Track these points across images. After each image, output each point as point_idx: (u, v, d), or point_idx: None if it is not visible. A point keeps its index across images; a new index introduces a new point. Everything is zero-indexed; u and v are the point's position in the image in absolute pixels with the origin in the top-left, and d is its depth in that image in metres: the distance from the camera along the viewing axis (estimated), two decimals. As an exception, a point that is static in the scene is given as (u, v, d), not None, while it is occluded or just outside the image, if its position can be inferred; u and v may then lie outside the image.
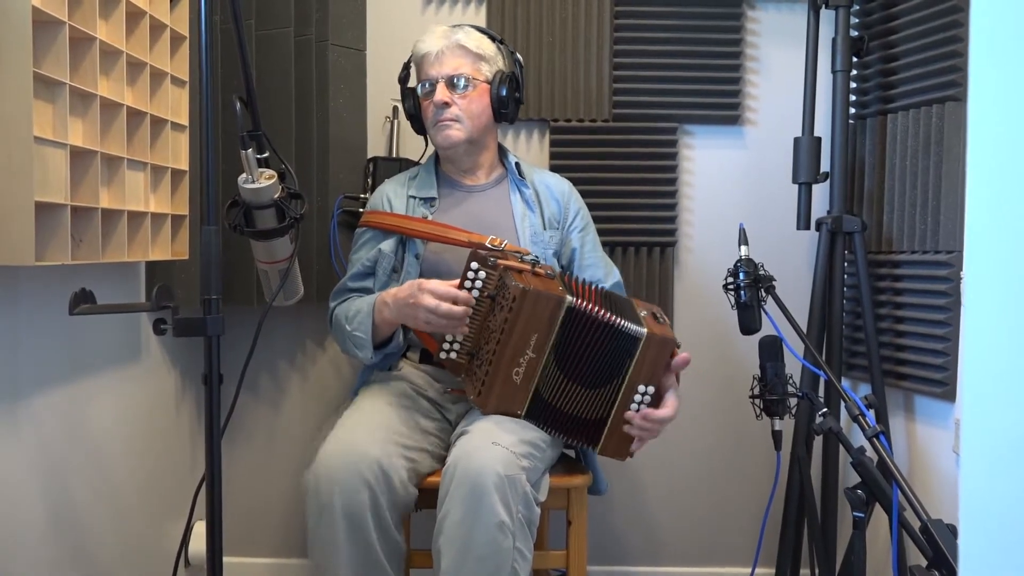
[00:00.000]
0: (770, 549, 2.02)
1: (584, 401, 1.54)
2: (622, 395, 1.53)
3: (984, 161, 0.52)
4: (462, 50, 1.73)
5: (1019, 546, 0.51)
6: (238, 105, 1.41)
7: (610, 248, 2.09)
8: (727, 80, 2.14)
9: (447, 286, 1.52)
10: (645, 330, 1.51)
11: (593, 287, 1.60)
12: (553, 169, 2.05)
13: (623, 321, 1.51)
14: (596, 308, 1.50)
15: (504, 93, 1.74)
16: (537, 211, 1.79)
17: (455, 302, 1.51)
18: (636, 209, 2.14)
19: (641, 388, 1.53)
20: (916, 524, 1.28)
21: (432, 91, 1.73)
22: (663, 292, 2.16)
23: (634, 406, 1.53)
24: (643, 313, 1.58)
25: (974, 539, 0.52)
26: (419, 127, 1.83)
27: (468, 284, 1.53)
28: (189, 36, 1.66)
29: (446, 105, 1.71)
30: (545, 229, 1.78)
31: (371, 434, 1.49)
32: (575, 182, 1.89)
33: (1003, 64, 0.51)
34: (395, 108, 2.11)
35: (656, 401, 1.55)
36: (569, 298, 1.49)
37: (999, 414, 0.52)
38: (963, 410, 0.54)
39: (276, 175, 1.52)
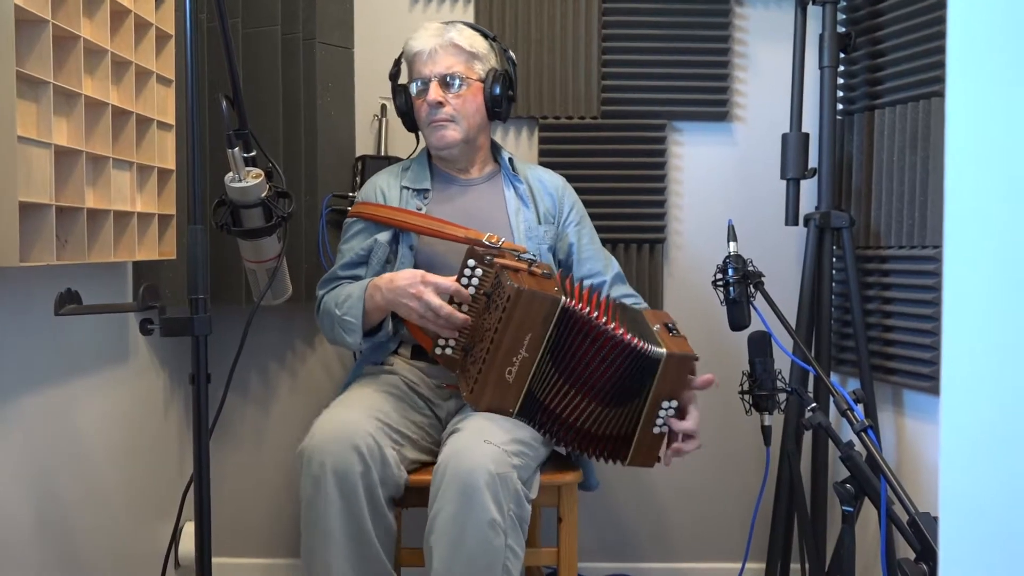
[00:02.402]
0: (760, 544, 2.02)
1: (605, 419, 1.55)
2: (646, 413, 1.55)
3: (962, 156, 0.53)
4: (455, 48, 1.72)
5: (999, 537, 0.52)
6: (224, 104, 1.41)
7: (599, 245, 2.09)
8: (715, 77, 2.15)
9: (449, 281, 1.52)
10: (664, 350, 1.52)
11: (601, 297, 1.59)
12: (542, 166, 2.05)
13: (641, 341, 1.51)
14: (596, 312, 1.50)
15: (498, 92, 1.73)
16: (531, 206, 1.79)
17: (454, 299, 1.51)
18: (625, 206, 2.14)
19: (665, 404, 1.55)
20: (904, 518, 1.28)
21: (425, 90, 1.72)
22: (652, 289, 2.16)
23: (659, 421, 1.56)
24: (656, 327, 1.59)
25: (954, 531, 0.53)
26: (410, 124, 1.82)
27: (464, 281, 1.54)
28: (175, 34, 1.65)
29: (440, 105, 1.70)
30: (540, 224, 1.78)
31: (364, 412, 1.50)
32: (564, 179, 1.89)
33: (979, 59, 0.52)
34: (383, 106, 2.10)
35: (679, 414, 1.57)
36: (563, 299, 1.49)
37: (978, 406, 0.52)
38: (942, 402, 0.55)
39: (263, 174, 1.51)
